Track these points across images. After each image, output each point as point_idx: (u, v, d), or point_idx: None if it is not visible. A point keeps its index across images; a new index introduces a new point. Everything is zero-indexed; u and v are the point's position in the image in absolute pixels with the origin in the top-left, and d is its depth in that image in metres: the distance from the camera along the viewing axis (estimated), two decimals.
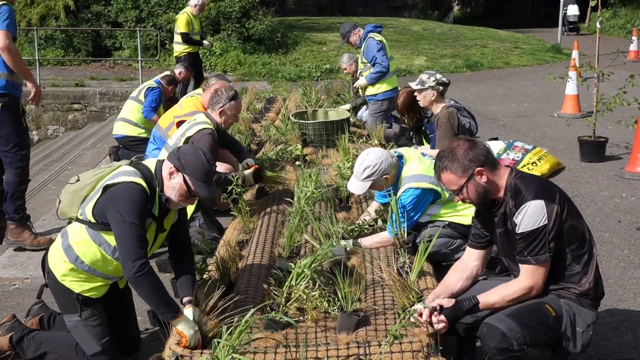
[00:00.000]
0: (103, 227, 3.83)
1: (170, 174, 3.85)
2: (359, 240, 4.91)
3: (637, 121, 8.21)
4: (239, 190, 5.45)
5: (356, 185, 4.96)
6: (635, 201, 7.11)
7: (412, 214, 4.81)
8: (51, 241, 4.82)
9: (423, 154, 5.16)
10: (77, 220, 3.96)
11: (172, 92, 9.29)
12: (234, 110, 5.86)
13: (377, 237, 4.89)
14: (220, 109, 5.76)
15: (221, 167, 6.19)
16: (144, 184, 3.80)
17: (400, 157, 4.99)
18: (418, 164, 4.92)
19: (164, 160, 3.96)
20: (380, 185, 4.94)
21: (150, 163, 3.97)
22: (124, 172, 3.88)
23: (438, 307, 3.53)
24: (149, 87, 8.70)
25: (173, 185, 3.85)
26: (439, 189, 4.79)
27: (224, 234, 5.47)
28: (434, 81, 6.41)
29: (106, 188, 3.83)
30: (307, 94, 10.66)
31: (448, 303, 3.53)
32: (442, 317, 3.49)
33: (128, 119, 8.58)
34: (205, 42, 12.66)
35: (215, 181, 4.49)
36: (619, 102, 8.41)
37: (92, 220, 3.85)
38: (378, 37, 9.18)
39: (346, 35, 9.62)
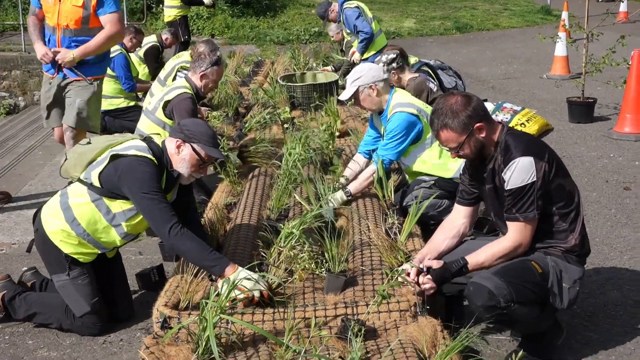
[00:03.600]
0: (109, 195, 3.84)
1: (178, 147, 3.88)
2: (348, 188, 4.94)
3: (626, 82, 8.19)
4: (225, 153, 5.42)
5: (345, 92, 5.08)
6: (622, 161, 7.12)
7: (402, 138, 4.85)
8: None
9: None
10: (79, 181, 3.95)
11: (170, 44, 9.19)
12: (215, 76, 5.78)
13: (363, 176, 4.94)
14: (201, 73, 5.69)
15: None
16: (155, 160, 3.82)
17: (391, 87, 5.07)
18: (407, 94, 5.02)
19: (165, 139, 3.98)
20: (369, 98, 4.96)
21: (159, 141, 3.99)
22: (136, 147, 3.88)
23: (425, 269, 3.52)
24: (110, 58, 8.40)
25: (183, 157, 3.87)
26: (425, 121, 4.81)
27: (212, 197, 5.46)
28: (384, 64, 6.22)
29: (114, 157, 3.82)
30: (296, 57, 10.59)
31: (437, 264, 3.54)
32: (429, 276, 3.49)
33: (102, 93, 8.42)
34: (206, 0, 12.34)
35: None
36: (608, 62, 8.37)
37: (98, 185, 3.85)
38: (353, 3, 9.16)
39: (324, 16, 9.65)
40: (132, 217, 3.90)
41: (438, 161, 4.92)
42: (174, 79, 7.47)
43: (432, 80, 6.35)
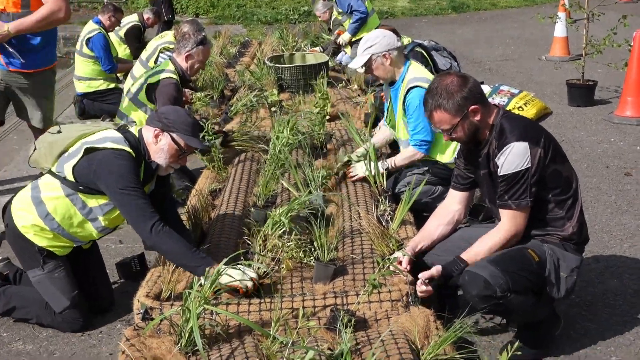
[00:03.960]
0: (84, 190, 3.79)
1: (156, 136, 3.83)
2: (387, 161, 4.97)
3: (627, 64, 8.20)
4: (210, 137, 5.40)
5: (356, 60, 5.02)
6: (623, 146, 7.13)
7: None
8: None
9: None
10: (50, 173, 3.90)
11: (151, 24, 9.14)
12: (201, 56, 5.74)
13: (405, 154, 4.97)
14: (187, 53, 5.66)
15: None
16: (132, 152, 3.76)
17: (407, 57, 5.02)
18: (422, 68, 4.97)
19: (141, 127, 3.93)
20: (382, 67, 4.94)
21: (135, 130, 3.93)
22: (111, 138, 3.81)
23: (426, 280, 3.50)
24: (88, 38, 8.36)
25: (161, 147, 3.82)
26: None
27: (196, 183, 5.44)
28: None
29: (89, 151, 3.76)
30: (284, 38, 10.57)
31: (437, 273, 3.51)
32: (429, 288, 3.49)
33: (79, 75, 8.33)
34: None
35: None
36: (609, 43, 8.37)
37: (72, 179, 3.79)
38: None
39: None
40: (109, 211, 3.86)
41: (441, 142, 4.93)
42: (157, 60, 7.44)
43: (447, 57, 6.36)
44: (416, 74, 4.88)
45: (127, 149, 3.75)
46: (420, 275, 3.49)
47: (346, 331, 3.13)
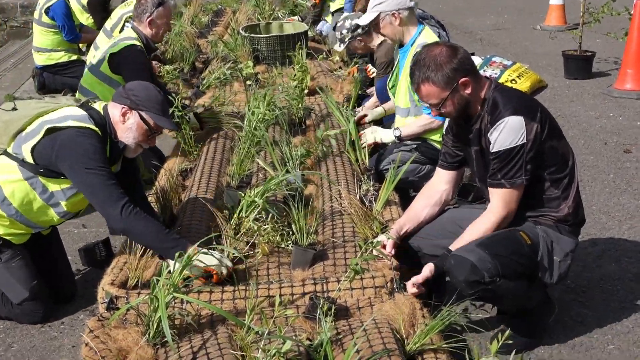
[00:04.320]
0: (45, 173, 3.74)
1: (124, 114, 3.78)
2: (400, 130, 4.94)
3: (627, 33, 8.22)
4: (180, 113, 5.37)
5: (364, 17, 5.03)
6: (623, 121, 7.17)
7: None
8: None
9: None
10: (6, 154, 3.85)
11: None
12: (164, 18, 5.68)
13: (419, 122, 4.90)
14: (148, 19, 5.60)
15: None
16: (97, 130, 3.72)
17: (420, 22, 5.03)
18: (434, 35, 4.96)
19: (107, 104, 3.87)
20: (390, 27, 4.93)
21: (99, 107, 3.88)
22: (73, 116, 3.75)
23: (419, 283, 3.49)
24: (48, 7, 8.20)
25: (129, 126, 3.78)
26: None
27: (165, 162, 5.42)
28: (348, 31, 6.22)
29: (50, 131, 3.70)
30: (260, 6, 10.49)
31: (430, 274, 3.49)
32: (423, 289, 3.49)
33: (38, 47, 8.22)
34: None
35: None
36: (607, 12, 8.39)
37: (31, 161, 3.74)
38: None
39: None
40: (73, 195, 3.82)
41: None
42: (122, 30, 7.36)
43: (436, 26, 6.31)
44: (428, 39, 4.85)
45: (92, 126, 3.71)
46: (413, 280, 3.48)
47: (326, 320, 3.13)
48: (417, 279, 3.48)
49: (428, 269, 3.51)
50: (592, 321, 3.87)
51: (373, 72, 6.87)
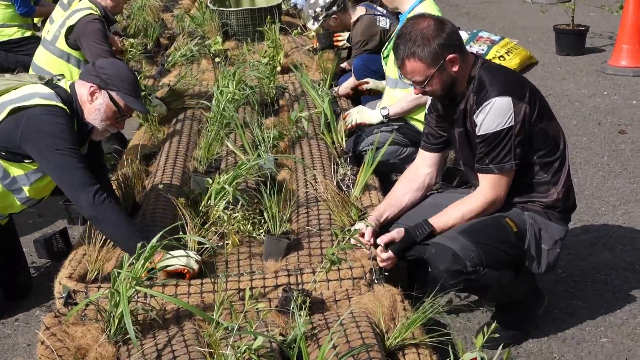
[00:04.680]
0: (6, 156, 3.71)
1: (92, 94, 3.74)
2: (387, 109, 4.94)
3: (623, 6, 8.26)
4: (142, 92, 5.34)
5: None
6: (618, 100, 7.22)
7: None
8: None
9: None
10: None
11: None
12: None
13: (406, 97, 4.89)
14: None
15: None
16: (66, 108, 3.68)
17: None
18: (434, 6, 4.93)
19: (74, 82, 3.83)
20: None
21: (66, 85, 3.83)
22: (39, 94, 3.71)
23: (383, 245, 3.52)
24: None
25: (97, 107, 3.75)
26: None
27: (127, 146, 5.39)
28: (322, 9, 6.21)
29: (14, 111, 3.65)
30: None
31: (397, 235, 3.53)
32: (390, 254, 3.51)
33: None
34: None
35: None
36: None
37: None
38: None
39: None
40: (38, 179, 3.80)
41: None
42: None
43: (383, 14, 6.27)
44: (428, 10, 4.84)
45: (60, 104, 3.68)
46: (378, 240, 3.51)
47: (300, 314, 3.14)
48: (383, 238, 3.52)
49: (396, 231, 3.54)
50: (584, 313, 3.90)
51: (343, 41, 6.89)
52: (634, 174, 5.58)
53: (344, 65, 6.66)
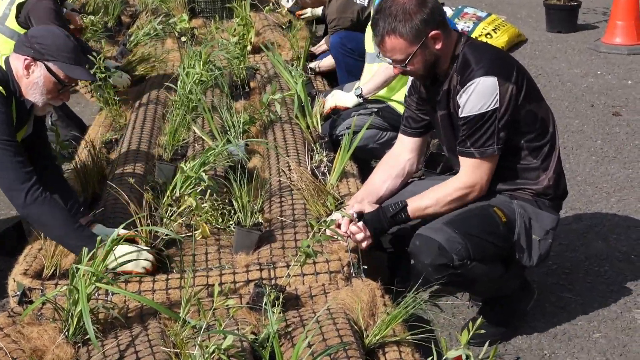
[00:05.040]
0: None
1: (27, 67, 3.65)
2: (360, 88, 4.96)
3: None
4: (102, 75, 5.32)
5: None
6: (612, 80, 7.26)
7: None
8: None
9: None
10: None
11: None
12: None
13: (380, 71, 4.91)
14: None
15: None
16: (2, 89, 3.63)
17: None
18: None
19: (8, 56, 3.77)
20: None
21: (0, 61, 3.77)
22: None
23: (356, 215, 3.55)
24: None
25: (34, 80, 3.66)
26: None
27: (86, 132, 5.36)
28: None
29: None
30: None
31: (370, 208, 3.56)
32: (362, 224, 3.52)
33: None
34: None
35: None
36: None
37: None
38: None
39: None
40: None
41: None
42: None
43: None
44: None
45: None
46: (349, 209, 3.54)
47: (274, 311, 3.13)
48: (354, 208, 3.59)
49: (368, 205, 3.60)
50: (576, 307, 3.93)
51: (303, 15, 6.94)
52: (629, 159, 5.62)
53: (321, 45, 6.65)
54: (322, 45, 6.62)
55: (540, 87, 3.66)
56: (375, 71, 4.93)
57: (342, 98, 5.02)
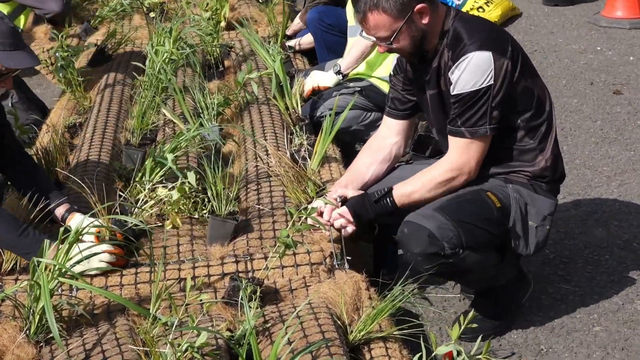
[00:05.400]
0: None
1: None
2: (338, 64, 4.98)
3: None
4: (65, 53, 5.30)
5: None
6: (613, 56, 7.27)
7: None
8: None
9: None
10: None
11: None
12: None
13: (356, 43, 4.92)
14: None
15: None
16: None
17: None
18: None
19: None
20: None
21: None
22: None
23: (339, 200, 3.54)
24: None
25: None
26: None
27: (48, 116, 5.34)
28: None
29: None
30: None
31: (354, 194, 3.56)
32: (345, 209, 3.52)
33: None
34: None
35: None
36: None
37: None
38: None
39: None
40: None
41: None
42: None
43: None
44: None
45: None
46: (331, 194, 3.55)
47: (251, 306, 3.14)
48: (336, 191, 3.61)
49: (351, 190, 3.62)
50: (575, 298, 3.94)
51: None
52: (630, 140, 5.63)
53: (295, 24, 6.64)
54: (296, 24, 6.58)
55: (536, 64, 3.67)
56: (352, 45, 4.93)
57: (321, 78, 5.02)
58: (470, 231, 3.35)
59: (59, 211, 3.78)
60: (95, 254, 3.47)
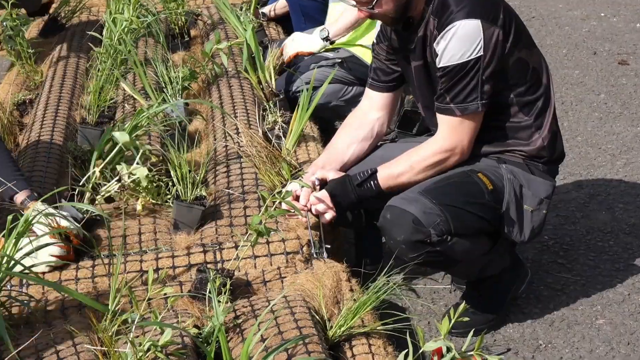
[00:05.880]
0: None
1: None
2: (327, 29, 4.98)
3: None
4: (14, 23, 5.27)
5: None
6: (618, 23, 7.28)
7: None
8: None
9: None
10: None
11: None
12: None
13: (349, 15, 4.91)
14: None
15: None
16: None
17: None
18: None
19: None
20: None
21: None
22: None
23: (317, 182, 3.54)
24: None
25: None
26: None
27: None
28: None
29: None
30: None
31: (335, 175, 3.55)
32: (324, 193, 3.51)
33: None
34: None
35: None
36: None
37: None
38: None
39: None
40: None
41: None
42: None
43: None
44: None
45: None
46: (310, 177, 3.57)
47: (220, 300, 3.13)
48: (316, 174, 3.61)
49: (333, 172, 3.61)
50: (576, 289, 3.96)
51: None
52: (637, 115, 5.65)
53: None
54: None
55: (534, 32, 3.67)
56: (344, 9, 4.91)
57: (305, 42, 5.00)
58: (459, 216, 3.34)
59: (19, 198, 3.74)
60: (45, 245, 3.45)
